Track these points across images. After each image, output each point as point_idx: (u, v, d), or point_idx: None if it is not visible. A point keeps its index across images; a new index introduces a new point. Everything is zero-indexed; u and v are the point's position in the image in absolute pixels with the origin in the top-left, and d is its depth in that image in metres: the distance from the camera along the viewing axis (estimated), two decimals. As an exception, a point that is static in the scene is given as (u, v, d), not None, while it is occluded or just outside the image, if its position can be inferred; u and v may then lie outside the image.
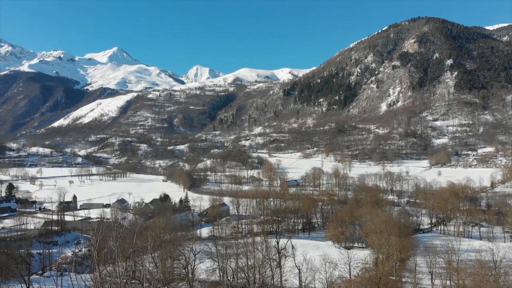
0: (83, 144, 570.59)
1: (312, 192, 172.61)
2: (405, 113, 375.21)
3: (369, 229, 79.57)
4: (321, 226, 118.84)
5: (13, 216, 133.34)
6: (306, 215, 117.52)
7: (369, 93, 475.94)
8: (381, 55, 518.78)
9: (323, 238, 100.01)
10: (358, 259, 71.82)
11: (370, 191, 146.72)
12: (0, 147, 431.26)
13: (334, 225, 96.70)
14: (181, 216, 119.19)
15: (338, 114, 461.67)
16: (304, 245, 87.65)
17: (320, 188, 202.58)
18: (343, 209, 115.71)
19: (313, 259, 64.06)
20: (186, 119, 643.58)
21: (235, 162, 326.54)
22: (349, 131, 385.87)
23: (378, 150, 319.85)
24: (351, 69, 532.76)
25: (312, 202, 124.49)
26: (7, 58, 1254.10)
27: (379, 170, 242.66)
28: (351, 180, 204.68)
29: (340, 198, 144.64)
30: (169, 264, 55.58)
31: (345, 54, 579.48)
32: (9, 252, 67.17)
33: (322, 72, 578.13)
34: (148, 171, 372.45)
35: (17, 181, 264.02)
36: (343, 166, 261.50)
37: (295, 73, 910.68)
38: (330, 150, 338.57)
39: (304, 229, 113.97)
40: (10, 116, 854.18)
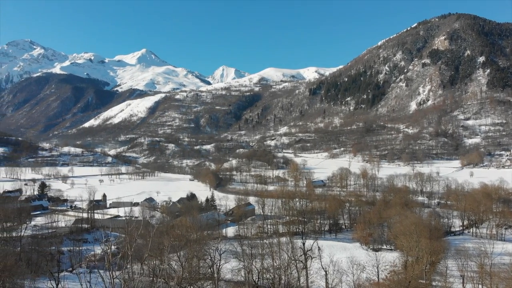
0: (113, 144, 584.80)
1: (339, 193, 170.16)
2: (436, 112, 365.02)
3: (398, 231, 77.78)
4: (348, 228, 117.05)
5: (45, 214, 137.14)
6: (333, 216, 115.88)
7: (398, 91, 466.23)
8: (410, 52, 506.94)
9: (351, 240, 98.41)
10: (387, 261, 70.24)
11: (399, 192, 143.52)
12: (33, 147, 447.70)
13: (362, 227, 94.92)
14: (207, 215, 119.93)
15: (366, 113, 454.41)
16: (331, 246, 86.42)
17: (347, 189, 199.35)
18: (371, 210, 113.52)
19: (340, 261, 62.93)
20: (212, 119, 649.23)
21: (260, 162, 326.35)
22: (377, 130, 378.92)
23: (408, 150, 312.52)
24: (379, 67, 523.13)
25: (339, 203, 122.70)
26: (39, 60, 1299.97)
27: (408, 170, 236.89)
28: (379, 181, 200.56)
29: (368, 199, 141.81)
30: (195, 263, 55.76)
31: (373, 52, 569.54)
32: (40, 249, 69.14)
33: (349, 70, 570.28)
34: (175, 170, 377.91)
35: (50, 180, 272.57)
36: (371, 166, 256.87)
37: (321, 72, 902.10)
38: (358, 150, 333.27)
39: (330, 230, 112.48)
40: (43, 117, 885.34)
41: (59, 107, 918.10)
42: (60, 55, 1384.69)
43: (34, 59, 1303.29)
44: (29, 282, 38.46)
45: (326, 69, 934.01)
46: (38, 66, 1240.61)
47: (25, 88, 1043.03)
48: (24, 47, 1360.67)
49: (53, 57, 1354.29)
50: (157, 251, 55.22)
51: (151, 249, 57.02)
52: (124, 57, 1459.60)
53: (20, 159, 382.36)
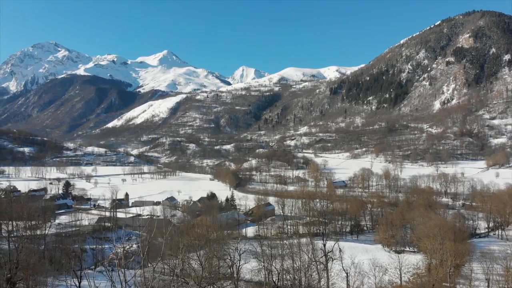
0: (135, 144, 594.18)
1: (361, 194, 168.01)
2: (460, 111, 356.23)
3: (421, 233, 76.20)
4: (370, 229, 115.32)
5: (69, 213, 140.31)
6: (354, 217, 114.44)
7: (421, 90, 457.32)
8: (433, 51, 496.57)
9: (372, 242, 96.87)
10: (410, 264, 68.90)
11: (423, 193, 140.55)
12: (58, 147, 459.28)
13: (384, 228, 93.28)
14: (227, 215, 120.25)
15: (388, 113, 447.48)
16: (352, 248, 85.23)
17: (369, 190, 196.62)
18: (393, 211, 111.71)
19: (361, 263, 61.91)
20: (232, 119, 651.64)
21: (280, 162, 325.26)
22: (400, 130, 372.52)
23: (431, 150, 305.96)
24: (402, 66, 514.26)
25: (360, 204, 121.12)
26: (64, 62, 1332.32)
27: (432, 171, 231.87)
28: (402, 182, 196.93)
29: (390, 200, 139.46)
30: (215, 263, 55.77)
31: (395, 51, 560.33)
32: (63, 247, 70.51)
33: (371, 69, 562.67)
34: (196, 170, 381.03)
35: (74, 179, 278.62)
36: (394, 167, 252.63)
37: (342, 71, 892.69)
38: (380, 150, 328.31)
39: (352, 231, 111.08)
40: (68, 117, 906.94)
41: (83, 108, 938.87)
42: (84, 57, 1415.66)
43: (59, 61, 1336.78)
44: (52, 279, 39.12)
45: (347, 68, 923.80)
46: (63, 68, 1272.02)
47: (50, 89, 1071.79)
48: (49, 49, 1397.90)
49: (77, 58, 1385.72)
50: (177, 250, 55.52)
51: (171, 248, 57.48)
52: (146, 59, 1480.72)
53: (45, 159, 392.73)
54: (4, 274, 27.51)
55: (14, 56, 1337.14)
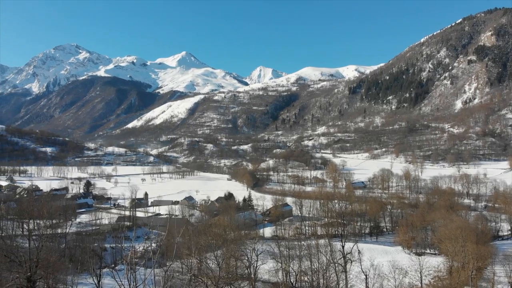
0: (154, 144, 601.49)
1: (380, 195, 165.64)
2: (483, 110, 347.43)
3: (442, 235, 74.53)
4: (390, 231, 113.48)
5: (89, 212, 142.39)
6: (374, 218, 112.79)
7: (442, 89, 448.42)
8: (455, 49, 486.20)
9: (392, 243, 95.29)
10: (430, 266, 67.53)
11: (444, 194, 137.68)
12: (80, 147, 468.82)
13: (404, 230, 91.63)
14: (244, 215, 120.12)
15: (408, 113, 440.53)
16: (372, 249, 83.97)
17: (389, 191, 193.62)
18: (414, 213, 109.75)
19: (381, 265, 60.91)
20: (249, 120, 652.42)
21: (298, 162, 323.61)
22: (420, 130, 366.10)
23: (453, 150, 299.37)
24: (422, 64, 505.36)
25: (380, 205, 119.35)
26: (85, 64, 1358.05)
27: (453, 172, 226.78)
28: (423, 183, 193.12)
29: (410, 202, 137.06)
30: (232, 263, 55.67)
31: (415, 49, 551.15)
32: (83, 246, 71.63)
33: (390, 68, 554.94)
34: (214, 169, 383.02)
35: (94, 178, 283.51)
36: (414, 167, 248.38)
37: (361, 70, 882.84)
38: (400, 151, 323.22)
39: (371, 233, 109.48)
40: (89, 118, 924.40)
41: (103, 108, 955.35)
42: (104, 59, 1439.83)
43: (80, 62, 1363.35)
44: (72, 278, 39.67)
45: (366, 67, 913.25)
46: (84, 70, 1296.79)
47: (72, 90, 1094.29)
48: (70, 51, 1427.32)
49: (98, 60, 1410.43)
50: (194, 250, 55.64)
51: (189, 248, 57.60)
52: (165, 60, 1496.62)
53: (67, 159, 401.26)
54: (24, 273, 28.01)
55: (37, 58, 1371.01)
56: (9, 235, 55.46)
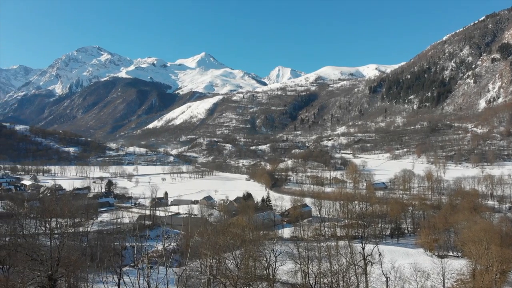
0: (174, 144, 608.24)
1: (402, 196, 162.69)
2: (507, 110, 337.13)
3: (465, 237, 72.62)
4: (411, 233, 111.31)
5: (110, 211, 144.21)
6: (395, 220, 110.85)
7: (465, 88, 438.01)
8: (478, 47, 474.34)
9: (414, 245, 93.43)
10: (453, 269, 65.93)
11: (467, 195, 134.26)
12: (102, 147, 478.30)
13: (426, 232, 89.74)
14: (263, 215, 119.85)
15: (430, 112, 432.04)
16: (392, 252, 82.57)
17: (410, 192, 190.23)
18: (436, 214, 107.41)
19: (402, 267, 59.78)
20: (267, 120, 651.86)
21: (317, 163, 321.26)
22: (443, 130, 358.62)
23: (476, 150, 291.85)
24: (445, 63, 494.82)
25: (401, 206, 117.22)
26: (107, 65, 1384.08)
27: (477, 172, 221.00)
28: (445, 184, 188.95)
29: (433, 203, 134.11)
30: (251, 264, 55.49)
31: (437, 48, 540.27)
32: (104, 244, 72.71)
33: (412, 67, 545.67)
34: (232, 169, 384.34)
35: (116, 178, 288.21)
36: (437, 168, 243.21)
37: (382, 69, 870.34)
38: (422, 151, 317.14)
39: (392, 235, 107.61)
40: (110, 118, 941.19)
41: (125, 109, 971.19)
42: (125, 60, 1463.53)
43: (102, 64, 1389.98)
44: (93, 276, 40.22)
45: (387, 66, 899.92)
46: (106, 71, 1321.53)
47: (94, 91, 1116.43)
48: (92, 53, 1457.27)
49: (119, 62, 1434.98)
50: (213, 250, 55.69)
51: (208, 248, 57.74)
52: (185, 61, 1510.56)
53: (89, 158, 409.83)
54: (46, 271, 28.51)
55: (60, 60, 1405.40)
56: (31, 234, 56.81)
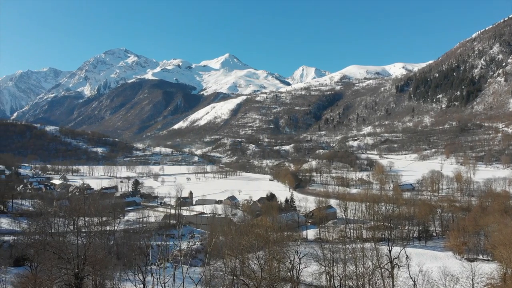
0: (199, 144, 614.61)
1: (430, 198, 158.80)
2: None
3: (496, 240, 69.99)
4: (440, 235, 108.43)
5: (137, 210, 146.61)
6: (423, 222, 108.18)
7: (495, 87, 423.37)
8: (508, 45, 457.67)
9: (442, 248, 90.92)
10: (483, 273, 63.37)
11: (498, 197, 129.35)
12: (129, 147, 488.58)
13: (455, 234, 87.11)
14: (286, 216, 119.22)
15: (459, 112, 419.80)
16: (420, 254, 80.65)
17: (439, 193, 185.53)
18: (465, 217, 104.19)
19: (430, 271, 58.08)
20: (291, 120, 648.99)
21: (342, 163, 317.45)
22: (473, 130, 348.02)
23: (508, 151, 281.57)
24: (474, 61, 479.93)
25: (429, 208, 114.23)
26: (133, 67, 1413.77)
27: (508, 174, 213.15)
28: (475, 185, 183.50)
29: (462, 205, 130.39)
30: (275, 266, 55.15)
31: (466, 45, 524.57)
32: (130, 243, 73.99)
33: (440, 65, 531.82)
34: (256, 170, 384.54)
35: (142, 177, 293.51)
36: (466, 169, 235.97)
37: (409, 68, 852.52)
38: (451, 152, 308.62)
39: (420, 237, 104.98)
40: (137, 119, 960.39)
41: (151, 110, 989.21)
42: (151, 62, 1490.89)
43: (129, 66, 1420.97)
44: (119, 274, 40.87)
45: (414, 64, 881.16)
46: (132, 73, 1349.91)
47: (121, 93, 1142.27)
48: (119, 55, 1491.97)
49: (145, 64, 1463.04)
50: (237, 250, 55.69)
51: (231, 248, 57.83)
52: (209, 62, 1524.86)
53: (116, 158, 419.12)
54: (72, 269, 29.10)
55: (88, 62, 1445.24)
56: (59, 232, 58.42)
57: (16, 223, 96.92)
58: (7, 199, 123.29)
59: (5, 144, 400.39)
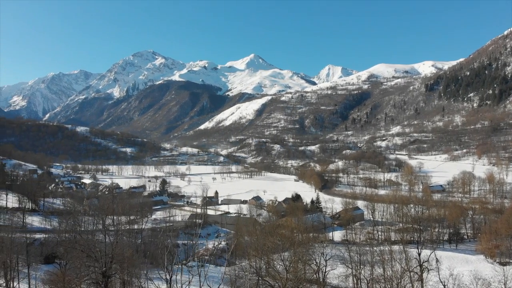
0: (224, 144, 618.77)
1: (461, 199, 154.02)
2: None
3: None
4: (471, 238, 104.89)
5: (164, 209, 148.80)
6: (453, 224, 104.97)
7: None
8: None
9: (473, 252, 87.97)
10: (516, 277, 60.89)
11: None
12: (156, 147, 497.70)
13: (487, 237, 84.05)
14: (312, 217, 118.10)
15: (492, 111, 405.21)
16: (450, 258, 78.22)
17: (470, 195, 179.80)
18: (498, 219, 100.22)
19: (461, 275, 56.17)
20: (317, 120, 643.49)
21: (370, 164, 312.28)
22: (505, 129, 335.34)
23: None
24: (507, 59, 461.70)
25: (460, 210, 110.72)
26: (161, 69, 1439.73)
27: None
28: (508, 186, 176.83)
29: (494, 207, 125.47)
30: (300, 267, 54.67)
31: (498, 43, 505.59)
32: (157, 241, 75.06)
33: (471, 63, 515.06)
34: (281, 170, 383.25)
35: (169, 177, 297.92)
36: (499, 170, 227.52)
37: (439, 66, 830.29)
38: (483, 152, 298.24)
39: (450, 240, 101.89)
40: (165, 120, 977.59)
41: (178, 111, 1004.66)
42: (178, 64, 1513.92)
43: (156, 68, 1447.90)
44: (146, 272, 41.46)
45: (444, 62, 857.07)
46: (160, 75, 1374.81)
47: (149, 94, 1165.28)
48: (147, 58, 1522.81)
49: (172, 65, 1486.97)
50: (262, 251, 55.51)
51: (256, 249, 57.71)
52: (234, 63, 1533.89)
53: (145, 158, 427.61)
54: (100, 267, 29.68)
55: (117, 64, 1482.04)
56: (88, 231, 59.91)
57: (47, 221, 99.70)
58: (39, 198, 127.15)
59: (38, 144, 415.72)
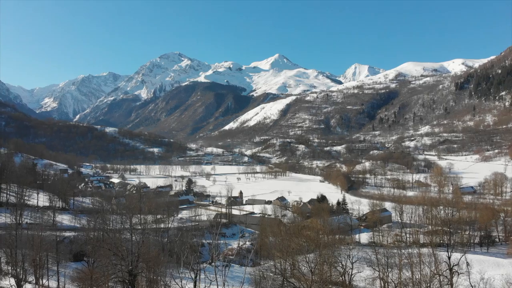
0: (249, 144, 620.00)
1: (493, 201, 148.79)
2: None
3: None
4: (503, 241, 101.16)
5: (190, 208, 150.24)
6: (485, 227, 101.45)
7: None
8: None
9: (505, 255, 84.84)
10: (549, 281, 58.13)
11: None
12: (182, 148, 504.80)
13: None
14: (338, 219, 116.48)
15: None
16: (481, 261, 75.55)
17: (502, 197, 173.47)
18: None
19: (492, 279, 54.14)
20: (343, 120, 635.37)
21: (398, 165, 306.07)
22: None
23: None
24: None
25: (492, 212, 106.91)
26: (187, 71, 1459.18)
27: None
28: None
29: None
30: (326, 270, 53.95)
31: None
32: (183, 241, 75.83)
33: (503, 61, 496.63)
34: (305, 171, 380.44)
35: (195, 177, 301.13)
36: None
37: (469, 64, 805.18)
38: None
39: (481, 243, 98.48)
40: (191, 121, 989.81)
41: (203, 112, 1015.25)
42: (204, 65, 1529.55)
43: (182, 69, 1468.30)
44: (171, 271, 41.84)
45: (474, 60, 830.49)
46: (186, 76, 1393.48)
47: (176, 95, 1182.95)
48: (174, 59, 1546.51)
49: (198, 67, 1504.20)
50: (286, 252, 55.11)
51: (281, 250, 57.36)
52: (259, 64, 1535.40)
53: (171, 158, 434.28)
54: (126, 266, 30.12)
55: (144, 66, 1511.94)
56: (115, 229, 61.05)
57: (76, 219, 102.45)
58: (69, 196, 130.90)
59: (68, 144, 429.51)
